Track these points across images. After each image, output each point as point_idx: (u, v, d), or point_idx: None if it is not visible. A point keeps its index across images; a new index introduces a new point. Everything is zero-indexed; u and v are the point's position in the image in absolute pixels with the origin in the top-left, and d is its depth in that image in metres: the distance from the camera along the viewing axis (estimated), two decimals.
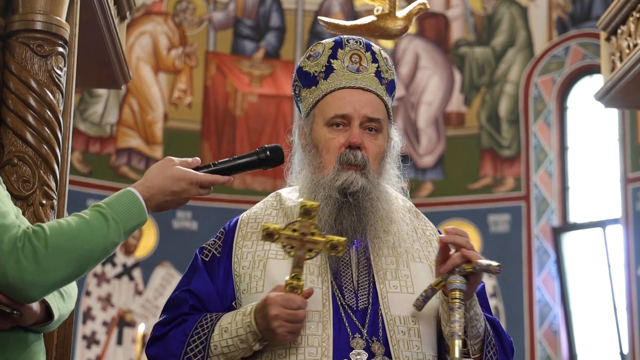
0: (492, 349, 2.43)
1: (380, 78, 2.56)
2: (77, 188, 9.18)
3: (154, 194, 2.22)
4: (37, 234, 2.04)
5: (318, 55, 2.56)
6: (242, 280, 2.46)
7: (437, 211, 10.24)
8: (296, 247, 2.29)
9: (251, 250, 2.49)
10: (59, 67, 2.70)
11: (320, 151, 2.49)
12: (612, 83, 4.34)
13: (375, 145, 2.49)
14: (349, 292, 2.44)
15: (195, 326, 2.40)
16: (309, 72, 2.57)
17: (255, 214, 2.57)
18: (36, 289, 2.03)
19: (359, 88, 2.50)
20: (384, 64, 2.58)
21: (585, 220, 9.88)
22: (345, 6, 11.00)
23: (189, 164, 2.30)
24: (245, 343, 2.36)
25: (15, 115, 2.62)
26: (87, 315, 9.79)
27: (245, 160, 2.37)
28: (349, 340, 2.38)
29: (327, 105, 2.50)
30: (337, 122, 2.48)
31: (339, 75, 2.52)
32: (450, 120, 10.72)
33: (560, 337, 9.68)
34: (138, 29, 10.57)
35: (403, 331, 2.40)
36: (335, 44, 2.57)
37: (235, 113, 10.78)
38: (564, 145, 10.25)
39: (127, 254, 10.07)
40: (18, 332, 2.13)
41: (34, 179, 2.61)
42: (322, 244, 2.29)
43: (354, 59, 2.55)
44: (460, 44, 10.80)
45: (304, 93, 2.59)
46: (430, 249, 2.59)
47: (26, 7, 2.70)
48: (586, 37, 10.02)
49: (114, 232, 2.12)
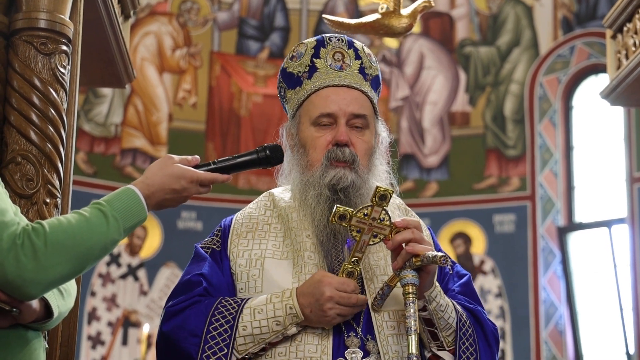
0: (469, 339, 2.41)
1: (365, 74, 2.56)
2: (82, 188, 9.18)
3: (154, 192, 2.21)
4: (36, 231, 2.03)
5: (301, 56, 2.57)
6: (240, 278, 2.45)
7: (442, 211, 10.23)
8: (363, 232, 2.31)
9: (247, 248, 2.48)
10: (62, 65, 2.69)
11: (308, 150, 2.48)
12: (617, 81, 4.32)
13: (362, 142, 2.48)
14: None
15: (215, 306, 2.37)
16: (293, 72, 2.57)
17: (249, 214, 2.57)
18: (35, 286, 2.02)
19: (344, 86, 2.50)
20: (367, 60, 2.58)
21: (591, 220, 9.86)
22: (350, 6, 10.99)
23: (189, 161, 2.29)
24: (282, 325, 2.34)
25: (19, 114, 2.61)
26: (92, 316, 9.79)
27: (245, 159, 2.37)
28: (344, 339, 2.37)
29: (312, 105, 2.50)
30: (323, 122, 2.48)
31: (322, 74, 2.52)
32: (455, 120, 10.71)
33: (566, 337, 9.66)
34: (142, 29, 10.57)
35: (392, 326, 2.40)
36: (318, 43, 2.57)
37: (240, 113, 10.77)
38: (569, 144, 10.23)
39: (132, 254, 10.07)
40: (18, 329, 2.12)
41: (38, 177, 2.60)
42: (388, 230, 2.31)
43: (336, 56, 2.54)
44: (465, 44, 10.79)
45: (288, 94, 2.59)
46: None
47: (30, 5, 2.69)
48: (591, 37, 10.00)
49: (113, 229, 2.11)
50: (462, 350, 2.40)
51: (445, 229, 10.20)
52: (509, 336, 9.79)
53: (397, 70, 10.94)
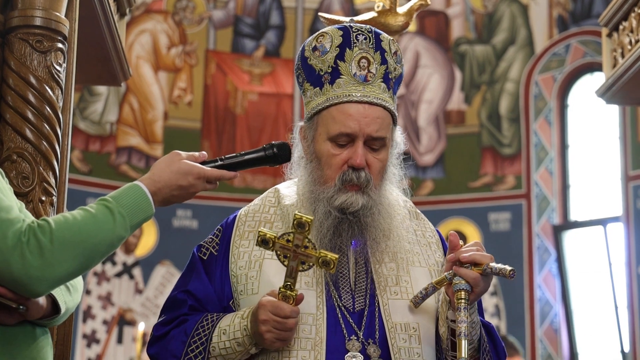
0: (487, 355, 2.43)
1: (388, 80, 2.46)
2: (77, 187, 9.17)
3: (161, 188, 2.21)
4: (42, 228, 2.02)
5: (325, 52, 2.45)
6: (239, 281, 2.44)
7: (437, 209, 10.23)
8: (290, 258, 2.27)
9: (247, 249, 2.46)
10: (58, 63, 2.68)
11: (322, 165, 2.42)
12: (613, 79, 4.33)
13: (378, 161, 2.43)
14: (346, 293, 2.42)
15: (196, 327, 2.39)
16: (314, 68, 2.47)
17: (253, 211, 2.54)
18: (41, 283, 2.01)
19: (366, 103, 2.41)
20: (393, 62, 2.48)
21: (586, 218, 9.87)
22: (346, 4, 10.99)
23: (196, 158, 2.28)
24: (242, 346, 2.34)
25: (14, 112, 2.61)
26: (88, 314, 9.78)
27: (252, 156, 2.35)
28: (345, 342, 2.35)
29: (332, 120, 2.41)
30: (341, 141, 2.41)
31: (345, 83, 2.42)
32: (450, 119, 10.71)
33: (561, 335, 9.67)
34: (138, 27, 10.55)
35: (404, 338, 2.38)
36: (344, 41, 2.44)
37: (236, 111, 10.76)
38: (564, 143, 10.24)
39: (127, 252, 10.06)
40: (25, 326, 2.12)
41: (34, 175, 2.59)
42: (314, 258, 2.26)
43: (362, 64, 2.43)
44: (461, 42, 10.79)
45: (307, 88, 2.50)
46: (429, 252, 2.55)
47: (25, 3, 2.69)
48: (587, 35, 10.00)
49: (120, 226, 2.10)
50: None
51: (441, 227, 10.20)
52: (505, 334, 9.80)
53: None
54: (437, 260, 2.53)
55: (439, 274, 2.47)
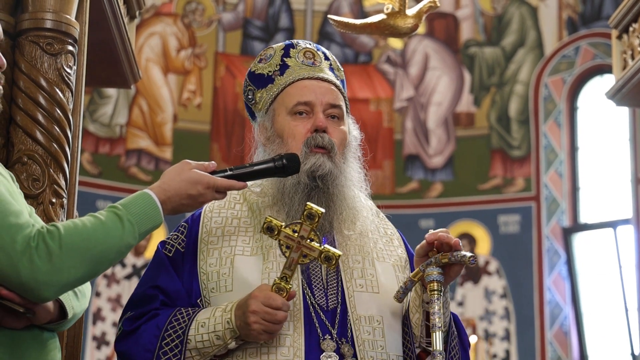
0: (454, 340, 2.43)
1: (335, 74, 2.58)
2: (87, 189, 9.19)
3: (171, 197, 2.21)
4: (51, 233, 2.03)
5: (270, 57, 2.59)
6: (210, 278, 2.42)
7: (447, 212, 10.23)
8: (292, 249, 2.26)
9: (217, 246, 2.44)
10: (68, 65, 2.69)
11: (286, 139, 2.47)
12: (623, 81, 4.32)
13: (339, 131, 2.49)
14: (319, 290, 2.41)
15: (169, 320, 2.36)
16: (263, 73, 2.58)
17: (218, 207, 2.51)
18: (49, 288, 2.02)
19: (318, 78, 2.53)
20: (335, 63, 2.62)
21: (596, 221, 9.85)
22: (355, 6, 10.99)
23: (206, 167, 2.28)
24: (222, 340, 2.32)
25: (25, 114, 2.61)
26: (97, 316, 9.80)
27: (261, 167, 2.36)
28: (320, 341, 2.34)
29: (289, 96, 2.51)
30: (300, 110, 2.48)
31: (295, 69, 2.54)
32: (459, 121, 10.70)
33: (571, 338, 9.65)
34: (147, 30, 10.58)
35: (368, 331, 2.38)
36: (286, 46, 2.60)
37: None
38: (574, 145, 10.22)
39: (136, 255, 10.08)
40: (33, 330, 2.12)
41: (44, 177, 2.59)
42: (317, 252, 2.26)
43: (307, 55, 2.58)
44: (470, 44, 10.78)
45: (258, 94, 2.58)
46: (391, 247, 2.56)
47: (36, 5, 2.69)
48: (596, 37, 9.99)
49: (128, 233, 2.11)
50: (451, 347, 2.41)
51: (450, 229, 10.19)
52: (514, 337, 9.79)
53: (402, 71, 10.93)
54: (400, 255, 2.54)
55: (402, 269, 2.49)
